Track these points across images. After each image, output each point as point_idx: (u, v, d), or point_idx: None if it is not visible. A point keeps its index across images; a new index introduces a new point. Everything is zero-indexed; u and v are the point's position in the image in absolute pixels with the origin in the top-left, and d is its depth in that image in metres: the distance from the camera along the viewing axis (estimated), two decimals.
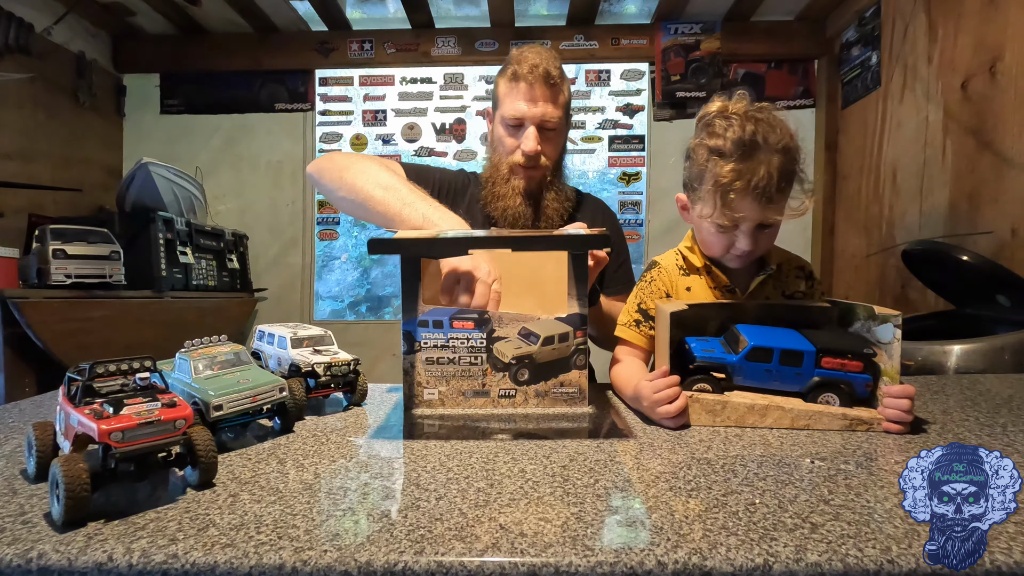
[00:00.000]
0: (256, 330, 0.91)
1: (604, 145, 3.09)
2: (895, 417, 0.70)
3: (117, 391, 0.55)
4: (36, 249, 1.89)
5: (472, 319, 0.83)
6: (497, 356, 0.84)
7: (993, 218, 1.81)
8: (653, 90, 3.02)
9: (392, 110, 3.13)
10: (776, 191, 0.82)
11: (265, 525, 0.45)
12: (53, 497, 0.46)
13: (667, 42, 2.93)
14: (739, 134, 0.82)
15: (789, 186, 0.84)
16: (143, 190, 2.35)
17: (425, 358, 0.83)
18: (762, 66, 2.99)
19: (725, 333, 0.82)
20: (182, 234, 2.41)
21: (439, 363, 0.83)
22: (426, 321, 0.83)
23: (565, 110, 1.20)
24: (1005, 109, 1.76)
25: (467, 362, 0.84)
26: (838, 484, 0.54)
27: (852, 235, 2.69)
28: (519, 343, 0.84)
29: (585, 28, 2.99)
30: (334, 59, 3.05)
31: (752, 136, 0.81)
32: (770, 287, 0.94)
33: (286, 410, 0.71)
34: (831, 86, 2.85)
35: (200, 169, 3.00)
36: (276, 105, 3.11)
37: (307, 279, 3.13)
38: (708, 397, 0.74)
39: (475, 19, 2.98)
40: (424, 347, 0.83)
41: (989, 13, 1.83)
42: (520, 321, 0.83)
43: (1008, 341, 1.31)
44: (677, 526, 0.45)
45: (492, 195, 1.20)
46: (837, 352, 0.74)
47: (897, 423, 0.70)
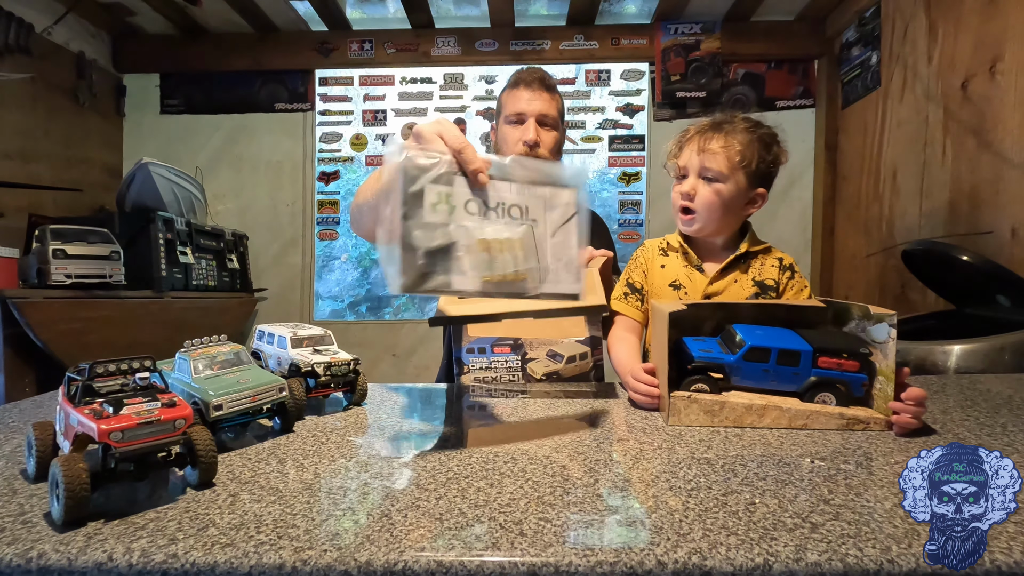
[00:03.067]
0: (256, 330, 0.91)
1: (604, 145, 3.09)
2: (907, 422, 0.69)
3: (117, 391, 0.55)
4: (36, 249, 1.89)
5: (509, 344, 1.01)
6: (530, 373, 1.00)
7: (993, 218, 1.81)
8: (653, 90, 3.02)
9: (392, 110, 3.13)
10: (715, 142, 0.98)
11: (265, 525, 0.45)
12: (53, 497, 0.46)
13: (667, 42, 2.93)
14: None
15: (731, 150, 0.98)
16: (143, 190, 2.35)
17: (473, 377, 1.00)
18: (762, 66, 2.99)
19: (722, 333, 0.82)
20: (182, 234, 2.41)
21: (484, 382, 0.99)
22: (472, 348, 0.99)
23: (560, 115, 1.33)
24: (1005, 109, 1.76)
25: (507, 380, 1.00)
26: (838, 484, 0.54)
27: (852, 235, 2.69)
28: (547, 362, 1.01)
29: (585, 28, 2.99)
30: (334, 59, 3.05)
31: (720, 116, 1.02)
32: (740, 271, 1.03)
33: (286, 410, 0.71)
34: (831, 86, 2.86)
35: (200, 169, 3.00)
36: (276, 105, 3.11)
37: (307, 279, 3.13)
38: (706, 397, 0.74)
39: (475, 19, 2.98)
40: (472, 369, 1.00)
41: (989, 13, 1.83)
42: (547, 344, 1.00)
43: (1008, 341, 1.31)
44: (677, 526, 0.45)
45: None
46: (834, 352, 0.74)
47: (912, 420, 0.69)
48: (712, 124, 1.01)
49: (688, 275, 1.04)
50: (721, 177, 0.98)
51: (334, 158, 3.15)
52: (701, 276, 1.03)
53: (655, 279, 1.07)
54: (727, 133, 0.99)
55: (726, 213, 1.01)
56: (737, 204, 1.01)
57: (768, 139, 1.01)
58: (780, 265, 1.03)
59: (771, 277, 1.02)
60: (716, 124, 1.01)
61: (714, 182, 0.99)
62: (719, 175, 0.98)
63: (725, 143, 0.98)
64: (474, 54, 3.02)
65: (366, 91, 3.14)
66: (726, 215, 1.01)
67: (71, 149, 2.71)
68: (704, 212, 1.00)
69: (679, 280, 1.04)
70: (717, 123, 1.01)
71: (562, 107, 1.34)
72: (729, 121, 1.01)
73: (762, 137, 1.00)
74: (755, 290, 1.02)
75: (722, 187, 0.99)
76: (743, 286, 1.02)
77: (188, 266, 2.42)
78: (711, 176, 0.99)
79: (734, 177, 0.98)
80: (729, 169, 0.98)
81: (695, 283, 1.03)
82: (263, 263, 3.09)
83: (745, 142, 0.98)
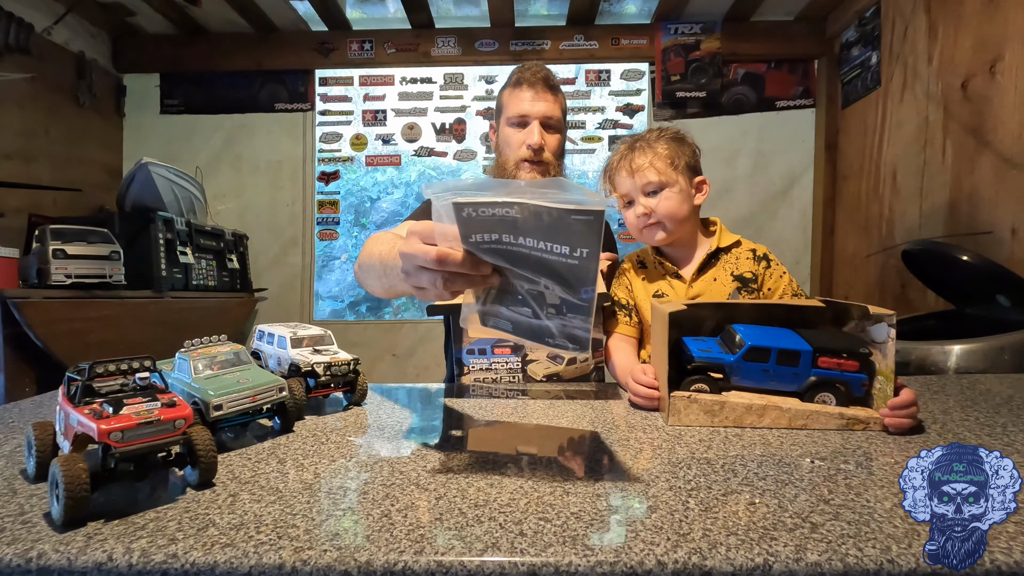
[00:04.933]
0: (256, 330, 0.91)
1: (604, 145, 3.09)
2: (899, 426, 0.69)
3: (117, 391, 0.55)
4: (36, 249, 1.89)
5: (509, 346, 0.99)
6: (531, 375, 1.00)
7: (993, 218, 1.81)
8: (653, 90, 3.02)
9: (392, 110, 3.13)
10: (639, 158, 1.04)
11: (265, 525, 0.45)
12: (53, 497, 0.46)
13: (667, 42, 2.93)
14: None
15: (657, 158, 1.03)
16: (143, 190, 2.35)
17: (474, 378, 0.99)
18: (762, 66, 2.99)
19: (721, 333, 0.82)
20: (182, 234, 2.41)
21: (484, 382, 0.99)
22: (472, 349, 0.99)
23: (563, 115, 1.30)
24: (1005, 109, 1.76)
25: (507, 381, 1.00)
26: (838, 484, 0.54)
27: (852, 235, 2.69)
28: (548, 363, 1.00)
29: (585, 28, 2.99)
30: (334, 59, 3.05)
31: (630, 138, 1.10)
32: (718, 268, 1.06)
33: (286, 410, 0.71)
34: (831, 86, 2.85)
35: (200, 169, 3.00)
36: (276, 105, 3.10)
37: (307, 279, 3.13)
38: (706, 398, 0.74)
39: (475, 19, 2.98)
40: (472, 370, 0.99)
41: (989, 13, 1.83)
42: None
43: (1008, 341, 1.31)
44: (677, 526, 0.45)
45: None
46: (833, 351, 0.74)
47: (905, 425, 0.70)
48: (629, 149, 1.07)
49: (668, 284, 1.08)
50: (663, 184, 1.03)
51: (334, 158, 3.15)
52: (680, 282, 1.07)
53: (639, 292, 1.10)
54: (642, 148, 1.05)
55: (684, 213, 1.05)
56: (688, 200, 1.05)
57: (678, 136, 1.08)
58: (754, 256, 1.07)
59: (748, 269, 1.05)
60: (632, 147, 1.07)
61: (660, 190, 1.04)
62: (660, 183, 1.03)
63: (649, 156, 1.04)
64: (474, 54, 3.02)
65: (366, 91, 3.13)
66: (684, 214, 1.05)
67: (71, 149, 2.71)
68: (667, 220, 1.04)
69: (661, 290, 1.08)
70: (632, 145, 1.08)
71: (565, 107, 1.31)
72: (640, 139, 1.08)
73: (673, 136, 1.07)
74: (736, 285, 1.04)
75: (669, 192, 1.03)
76: (723, 283, 1.05)
77: (188, 266, 2.42)
78: (654, 188, 1.04)
79: (672, 179, 1.03)
80: (664, 175, 1.03)
81: (676, 290, 1.07)
82: (263, 263, 3.09)
83: (663, 146, 1.05)
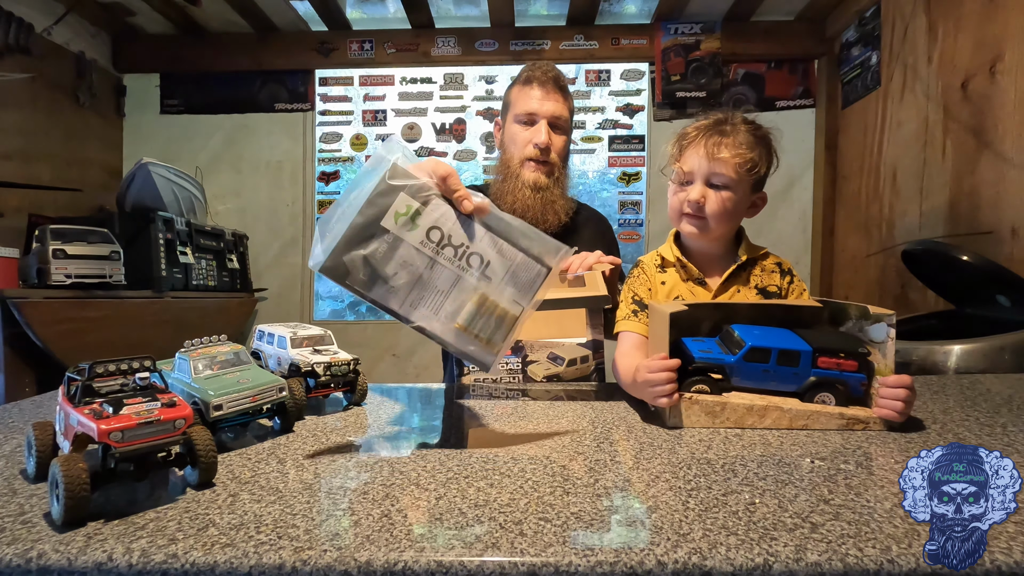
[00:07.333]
0: (256, 330, 0.91)
1: (604, 145, 3.09)
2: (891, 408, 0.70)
3: (117, 391, 0.55)
4: (36, 249, 1.89)
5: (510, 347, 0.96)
6: (531, 375, 1.00)
7: (993, 218, 1.80)
8: (653, 90, 3.02)
9: (392, 110, 3.13)
10: (725, 148, 0.93)
11: (265, 525, 0.45)
12: (53, 497, 0.46)
13: (667, 42, 2.93)
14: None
15: (742, 157, 0.93)
16: (143, 190, 2.35)
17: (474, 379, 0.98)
18: (762, 66, 2.99)
19: (721, 333, 0.82)
20: (182, 234, 2.41)
21: (483, 383, 0.99)
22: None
23: (570, 117, 1.30)
24: (1005, 109, 1.76)
25: (507, 381, 0.99)
26: (838, 484, 0.53)
27: (852, 235, 2.69)
28: (548, 365, 1.00)
29: (585, 28, 2.99)
30: (334, 59, 3.05)
31: (720, 115, 0.98)
32: (743, 280, 0.99)
33: (286, 410, 0.71)
34: (831, 86, 2.85)
35: (200, 169, 3.00)
36: (276, 105, 3.11)
37: (307, 279, 3.13)
38: (707, 399, 0.74)
39: (475, 19, 2.98)
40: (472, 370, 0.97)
41: (989, 13, 1.83)
42: (548, 347, 0.99)
43: (1008, 341, 1.31)
44: (677, 526, 0.45)
45: (503, 190, 1.26)
46: (833, 352, 0.74)
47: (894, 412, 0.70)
48: (716, 127, 0.96)
49: (690, 290, 1.00)
50: (731, 184, 0.94)
51: (334, 158, 3.15)
52: (704, 291, 0.99)
53: (659, 296, 1.01)
54: (733, 137, 0.94)
55: (732, 220, 0.97)
56: (742, 210, 0.98)
57: (770, 141, 0.98)
58: (780, 270, 1.00)
59: (773, 283, 0.99)
60: (719, 127, 0.96)
61: (723, 189, 0.94)
62: (729, 182, 0.93)
63: (735, 149, 0.93)
64: (474, 54, 3.02)
65: (366, 91, 3.14)
66: (731, 221, 0.98)
67: (71, 149, 2.71)
68: (713, 220, 0.95)
69: (682, 296, 1.00)
70: (720, 126, 0.96)
71: (573, 110, 1.32)
72: (730, 122, 0.96)
73: (764, 139, 0.97)
74: (759, 299, 0.98)
75: (731, 194, 0.94)
76: (746, 296, 0.98)
77: (188, 266, 2.42)
78: (720, 183, 0.94)
79: (742, 184, 0.94)
80: (738, 176, 0.93)
81: (699, 297, 0.99)
82: (263, 263, 3.09)
83: (753, 147, 0.94)
